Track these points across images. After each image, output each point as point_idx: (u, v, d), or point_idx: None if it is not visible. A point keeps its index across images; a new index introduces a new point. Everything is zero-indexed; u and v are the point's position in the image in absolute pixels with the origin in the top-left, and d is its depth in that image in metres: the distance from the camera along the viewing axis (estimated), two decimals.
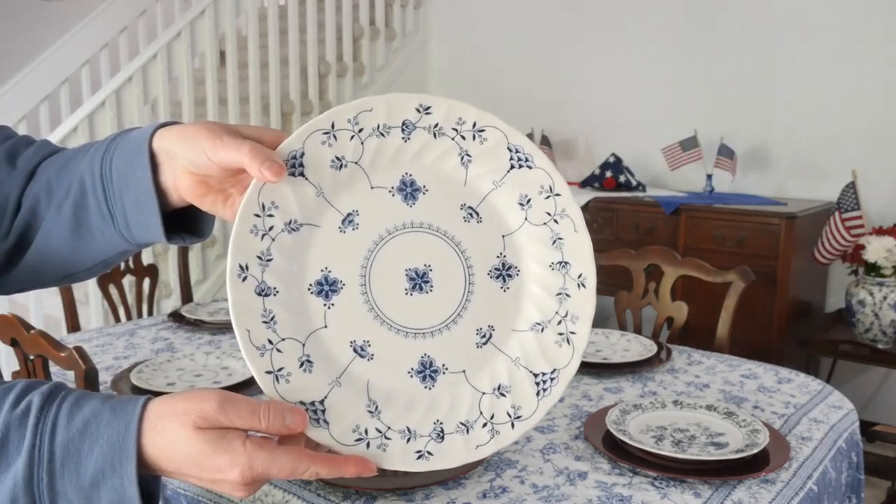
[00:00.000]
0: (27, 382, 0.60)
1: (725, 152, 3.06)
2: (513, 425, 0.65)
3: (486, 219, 0.68)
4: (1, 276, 0.79)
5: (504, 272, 0.68)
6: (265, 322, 0.62)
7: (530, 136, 3.61)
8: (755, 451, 1.17)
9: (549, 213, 0.69)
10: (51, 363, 1.28)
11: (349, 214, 0.65)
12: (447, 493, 1.11)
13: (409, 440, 0.63)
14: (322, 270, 0.64)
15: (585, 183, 3.38)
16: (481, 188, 0.69)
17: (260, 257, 0.62)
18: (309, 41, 3.63)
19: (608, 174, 3.31)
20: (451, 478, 1.13)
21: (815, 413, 1.43)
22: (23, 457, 0.56)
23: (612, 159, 3.36)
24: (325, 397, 0.62)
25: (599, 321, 3.31)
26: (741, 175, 3.24)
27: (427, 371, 0.65)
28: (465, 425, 0.64)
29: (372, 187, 0.66)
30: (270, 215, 0.63)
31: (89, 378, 1.20)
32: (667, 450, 1.19)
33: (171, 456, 0.58)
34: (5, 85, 3.80)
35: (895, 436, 2.98)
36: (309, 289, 0.64)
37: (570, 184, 3.65)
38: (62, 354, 1.21)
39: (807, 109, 3.13)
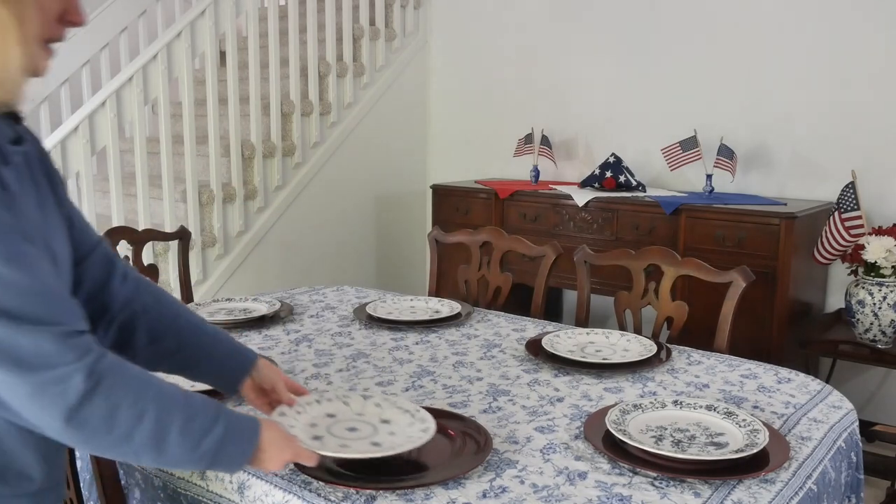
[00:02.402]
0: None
1: (725, 152, 3.06)
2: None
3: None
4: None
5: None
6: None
7: (530, 136, 3.62)
8: (755, 450, 1.18)
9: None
10: None
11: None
12: (447, 493, 1.11)
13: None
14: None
15: (585, 183, 3.38)
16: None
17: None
18: (309, 41, 3.63)
19: (608, 174, 3.31)
20: (452, 478, 1.13)
21: (815, 413, 1.43)
22: (221, 426, 1.01)
23: (612, 159, 3.36)
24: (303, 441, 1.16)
25: (599, 321, 3.31)
26: (741, 175, 3.24)
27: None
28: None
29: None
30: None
31: None
32: (667, 450, 1.19)
33: (270, 436, 1.06)
34: None
35: (894, 436, 2.99)
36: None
37: (569, 184, 3.65)
38: None
39: (807, 109, 3.13)
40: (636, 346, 1.78)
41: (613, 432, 1.23)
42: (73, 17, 0.99)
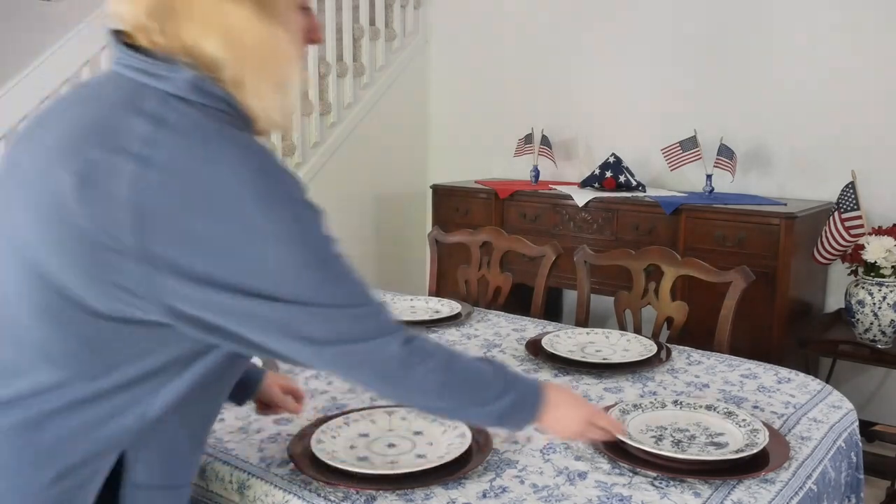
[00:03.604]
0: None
1: (725, 152, 3.06)
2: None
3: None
4: None
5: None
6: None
7: (530, 136, 3.62)
8: (755, 450, 1.18)
9: None
10: None
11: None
12: (447, 493, 1.11)
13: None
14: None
15: (585, 183, 3.38)
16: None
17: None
18: None
19: (608, 174, 3.31)
20: (452, 478, 1.13)
21: (815, 413, 1.43)
22: (512, 394, 1.07)
23: (612, 159, 3.36)
24: None
25: (599, 321, 3.31)
26: (741, 175, 3.24)
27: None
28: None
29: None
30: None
31: None
32: (667, 450, 1.19)
33: (556, 398, 1.11)
34: (5, 85, 3.80)
35: (894, 436, 2.99)
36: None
37: (569, 184, 3.64)
38: None
39: (807, 109, 3.13)
40: (636, 346, 1.78)
41: None
42: (314, 35, 1.02)
